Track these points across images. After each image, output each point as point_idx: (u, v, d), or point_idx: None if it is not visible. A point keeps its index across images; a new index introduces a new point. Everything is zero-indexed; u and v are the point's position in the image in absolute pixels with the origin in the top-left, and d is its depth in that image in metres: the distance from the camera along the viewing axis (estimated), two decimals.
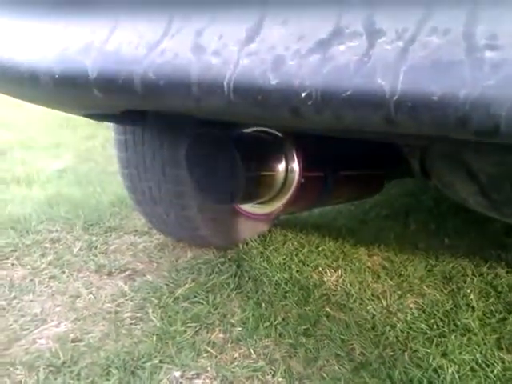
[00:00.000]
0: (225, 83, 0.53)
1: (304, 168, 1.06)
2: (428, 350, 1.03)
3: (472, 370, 0.98)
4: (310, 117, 0.50)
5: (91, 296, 1.19)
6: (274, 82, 0.50)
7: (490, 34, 0.41)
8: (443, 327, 1.12)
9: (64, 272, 1.30)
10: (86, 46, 0.63)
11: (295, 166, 1.06)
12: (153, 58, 0.57)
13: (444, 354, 1.02)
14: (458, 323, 1.13)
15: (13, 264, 1.33)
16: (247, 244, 1.49)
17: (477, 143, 0.60)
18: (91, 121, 3.27)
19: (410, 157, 1.01)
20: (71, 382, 0.90)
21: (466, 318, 1.15)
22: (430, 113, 0.44)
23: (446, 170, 0.92)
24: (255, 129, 1.13)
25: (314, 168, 1.11)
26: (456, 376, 0.95)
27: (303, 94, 0.48)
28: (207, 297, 1.21)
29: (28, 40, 0.69)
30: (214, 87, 0.54)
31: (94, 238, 1.49)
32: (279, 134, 1.08)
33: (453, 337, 1.08)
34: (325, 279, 1.32)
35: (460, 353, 1.02)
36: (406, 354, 1.03)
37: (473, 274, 1.36)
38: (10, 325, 1.07)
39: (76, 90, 0.66)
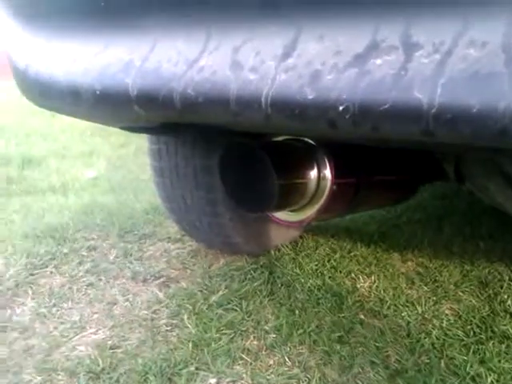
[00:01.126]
0: (262, 98, 0.54)
1: (336, 175, 1.06)
2: (465, 358, 1.02)
3: None
4: (347, 129, 0.51)
5: (127, 303, 1.22)
6: (311, 97, 0.50)
7: None
8: (480, 334, 1.10)
9: (101, 279, 1.33)
10: (127, 64, 0.65)
11: (327, 173, 1.06)
12: (191, 75, 0.59)
13: (482, 362, 1.01)
14: (496, 330, 1.11)
15: (51, 272, 1.37)
16: (279, 250, 1.49)
17: None
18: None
19: (444, 162, 1.00)
20: None
21: (504, 325, 1.13)
22: (468, 125, 0.44)
23: (481, 174, 0.91)
24: (287, 137, 1.14)
25: (346, 174, 1.11)
26: None
27: (341, 108, 0.49)
28: (240, 303, 1.22)
29: (71, 59, 0.72)
30: (251, 103, 0.55)
31: (129, 246, 1.52)
32: (311, 141, 1.09)
33: (491, 344, 1.06)
34: (358, 285, 1.32)
35: (499, 361, 1.00)
36: (442, 361, 1.02)
37: (510, 279, 1.33)
38: (51, 332, 1.10)
39: (116, 106, 0.68)
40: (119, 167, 2.60)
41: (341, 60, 0.49)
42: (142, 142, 1.78)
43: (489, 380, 0.95)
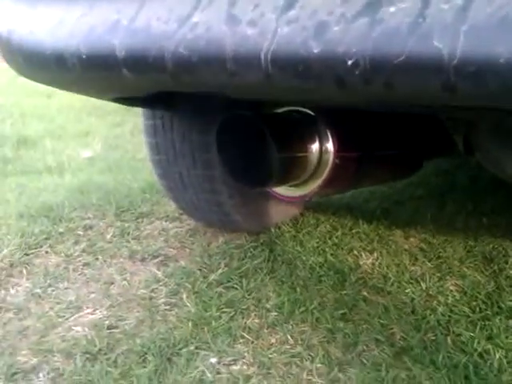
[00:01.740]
0: (262, 55, 0.49)
1: (339, 148, 1.02)
2: (472, 334, 1.00)
3: None
4: (357, 88, 0.47)
5: (125, 282, 1.19)
6: (316, 51, 0.46)
7: None
8: (486, 310, 1.08)
9: (97, 259, 1.30)
10: (114, 24, 0.60)
11: (329, 146, 1.02)
12: (184, 33, 0.55)
13: (489, 338, 0.98)
14: (502, 306, 1.09)
15: (47, 252, 1.33)
16: (279, 228, 1.46)
17: None
18: (119, 108, 3.27)
19: (453, 132, 0.96)
20: (108, 369, 0.90)
21: (511, 301, 1.10)
22: (495, 78, 0.39)
23: (494, 144, 0.87)
24: (287, 108, 1.10)
25: (349, 148, 1.07)
26: (504, 361, 0.91)
27: (349, 62, 0.45)
28: (241, 282, 1.19)
29: (54, 22, 0.67)
30: (250, 60, 0.51)
31: (126, 225, 1.49)
32: (312, 113, 1.05)
33: (497, 320, 1.04)
34: (360, 262, 1.29)
35: (506, 337, 0.98)
36: (448, 338, 0.99)
37: None
38: (46, 312, 1.08)
39: (104, 70, 0.64)
40: (116, 147, 2.55)
41: (349, 9, 0.45)
42: (138, 121, 1.74)
43: (497, 356, 0.92)
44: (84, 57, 0.63)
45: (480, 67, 0.39)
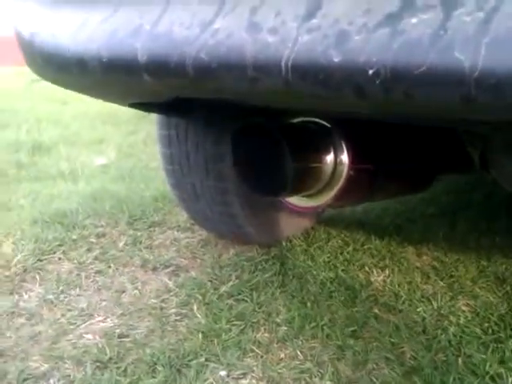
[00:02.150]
0: (282, 63, 0.50)
1: (353, 160, 1.03)
2: (483, 356, 0.98)
3: None
4: (377, 97, 0.47)
5: (136, 291, 1.20)
6: (337, 60, 0.46)
7: None
8: (499, 332, 1.07)
9: (110, 267, 1.31)
10: (136, 29, 0.61)
11: (344, 157, 1.03)
12: (205, 39, 0.55)
13: (501, 362, 0.97)
14: None
15: (60, 258, 1.35)
16: (290, 241, 1.46)
17: None
18: (134, 117, 3.30)
19: (470, 146, 0.96)
20: (118, 378, 0.90)
21: None
22: None
23: (509, 160, 0.86)
24: (302, 119, 1.10)
25: (363, 160, 1.07)
26: None
27: (370, 72, 0.45)
28: (251, 295, 1.19)
29: (76, 25, 0.68)
30: (270, 67, 0.51)
31: (139, 233, 1.49)
32: (328, 124, 1.05)
33: (510, 343, 1.03)
34: (372, 279, 1.28)
35: None
36: (459, 359, 0.98)
37: None
38: (58, 319, 1.08)
39: (125, 75, 0.64)
40: (129, 155, 2.57)
41: (371, 19, 0.45)
42: (152, 129, 1.75)
43: (510, 380, 0.91)
44: (105, 60, 0.64)
45: (500, 80, 0.40)
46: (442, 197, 1.97)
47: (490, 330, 1.07)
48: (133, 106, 1.02)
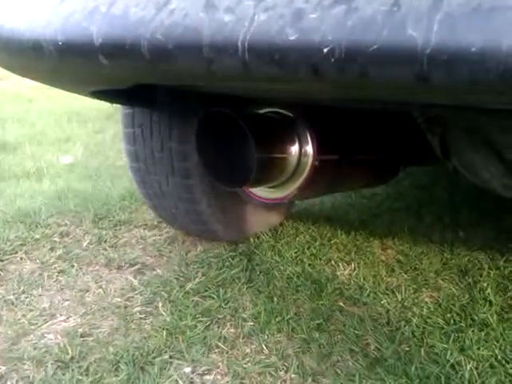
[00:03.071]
0: (239, 42, 0.49)
1: (318, 151, 1.03)
2: (445, 346, 1.00)
3: (491, 366, 0.95)
4: (332, 76, 0.46)
5: (100, 290, 1.18)
6: (292, 38, 0.46)
7: None
8: (460, 322, 1.09)
9: (73, 266, 1.28)
10: (92, 11, 0.60)
11: (309, 148, 1.03)
12: (161, 19, 0.54)
13: (462, 350, 0.99)
14: (476, 318, 1.10)
15: (22, 258, 1.31)
16: (258, 237, 1.47)
17: (504, 115, 0.57)
18: (102, 115, 3.25)
19: (429, 134, 0.97)
20: (79, 377, 0.89)
21: (484, 313, 1.12)
22: (468, 67, 0.39)
23: (469, 147, 0.88)
24: (268, 110, 1.10)
25: (328, 151, 1.07)
26: (475, 372, 0.92)
27: (325, 50, 0.45)
28: (218, 291, 1.18)
29: (31, 8, 0.67)
30: (227, 47, 0.50)
31: (104, 232, 1.47)
32: (292, 115, 1.05)
33: (470, 332, 1.05)
34: (338, 273, 1.30)
35: (478, 348, 0.99)
36: (422, 349, 1.00)
37: (489, 268, 1.33)
38: (19, 319, 1.06)
39: (81, 58, 0.63)
40: (96, 153, 2.53)
41: None
42: (119, 128, 1.73)
43: (468, 367, 0.93)
44: (61, 43, 0.62)
45: (452, 56, 0.40)
46: (408, 192, 2.00)
47: (452, 321, 1.10)
48: (94, 95, 1.00)
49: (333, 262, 1.34)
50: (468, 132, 0.86)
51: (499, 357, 0.97)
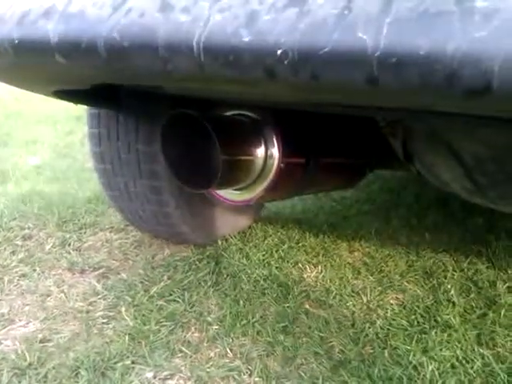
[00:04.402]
0: (194, 42, 0.49)
1: (284, 153, 1.03)
2: (408, 347, 1.01)
3: (452, 366, 0.96)
4: (286, 78, 0.46)
5: (62, 295, 1.15)
6: (246, 39, 0.46)
7: None
8: (424, 323, 1.10)
9: (35, 270, 1.25)
10: (48, 9, 0.59)
11: (275, 151, 1.03)
12: (117, 18, 0.54)
13: (424, 351, 1.00)
14: (439, 319, 1.12)
15: None
16: (226, 240, 1.46)
17: (462, 120, 0.57)
18: (71, 116, 3.18)
19: (391, 138, 0.98)
20: None
21: (447, 314, 1.13)
22: (415, 69, 0.40)
23: (429, 150, 0.89)
24: (234, 112, 1.10)
25: (294, 154, 1.08)
26: (436, 373, 0.93)
27: (278, 52, 0.45)
28: (183, 295, 1.17)
29: None
30: (182, 47, 0.50)
31: (68, 235, 1.44)
32: (258, 117, 1.05)
33: (433, 333, 1.06)
34: (304, 275, 1.30)
35: (440, 349, 1.00)
36: (385, 351, 1.01)
37: (453, 270, 1.35)
38: None
39: (37, 57, 0.62)
40: (64, 155, 2.49)
41: None
42: None
43: (430, 368, 0.94)
44: (17, 42, 0.61)
45: (401, 59, 0.40)
46: (377, 195, 2.02)
47: (416, 322, 1.11)
48: (57, 95, 0.98)
49: (300, 265, 1.34)
50: (428, 136, 0.87)
51: (460, 357, 0.98)
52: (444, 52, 0.38)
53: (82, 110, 1.29)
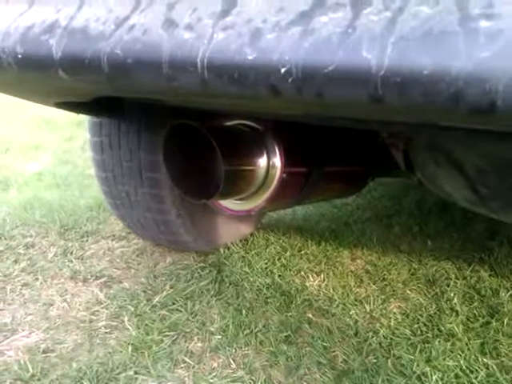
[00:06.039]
0: (198, 60, 0.49)
1: (286, 163, 1.03)
2: (412, 357, 1.01)
3: (456, 376, 0.96)
4: (290, 95, 0.47)
5: (65, 304, 1.15)
6: (251, 57, 0.46)
7: (486, 2, 0.38)
8: (427, 332, 1.10)
9: (37, 279, 1.25)
10: (52, 24, 0.59)
11: (277, 161, 1.03)
12: (121, 35, 0.54)
13: (428, 361, 1.00)
14: (442, 328, 1.11)
15: None
16: (228, 248, 1.46)
17: (463, 132, 0.58)
18: (71, 122, 3.18)
19: (393, 148, 0.98)
20: None
21: (450, 323, 1.13)
22: (419, 89, 0.40)
23: (431, 161, 0.89)
24: (236, 122, 1.10)
25: (296, 163, 1.08)
26: (440, 383, 0.93)
27: (283, 70, 0.45)
28: (186, 304, 1.17)
29: None
30: (186, 65, 0.50)
31: (70, 244, 1.44)
32: (260, 127, 1.05)
33: (437, 342, 1.06)
34: (307, 284, 1.29)
35: (444, 359, 1.00)
36: (389, 361, 1.00)
37: (456, 278, 1.34)
38: None
39: (40, 71, 0.62)
40: (65, 161, 2.49)
41: (284, 17, 0.45)
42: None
43: (433, 378, 0.94)
44: (20, 56, 0.62)
45: (405, 78, 0.40)
46: (379, 202, 2.02)
47: (419, 331, 1.10)
48: (59, 106, 0.98)
49: (302, 273, 1.34)
50: (430, 147, 0.87)
51: (464, 367, 0.98)
52: (449, 72, 0.39)
53: (82, 115, 1.30)
